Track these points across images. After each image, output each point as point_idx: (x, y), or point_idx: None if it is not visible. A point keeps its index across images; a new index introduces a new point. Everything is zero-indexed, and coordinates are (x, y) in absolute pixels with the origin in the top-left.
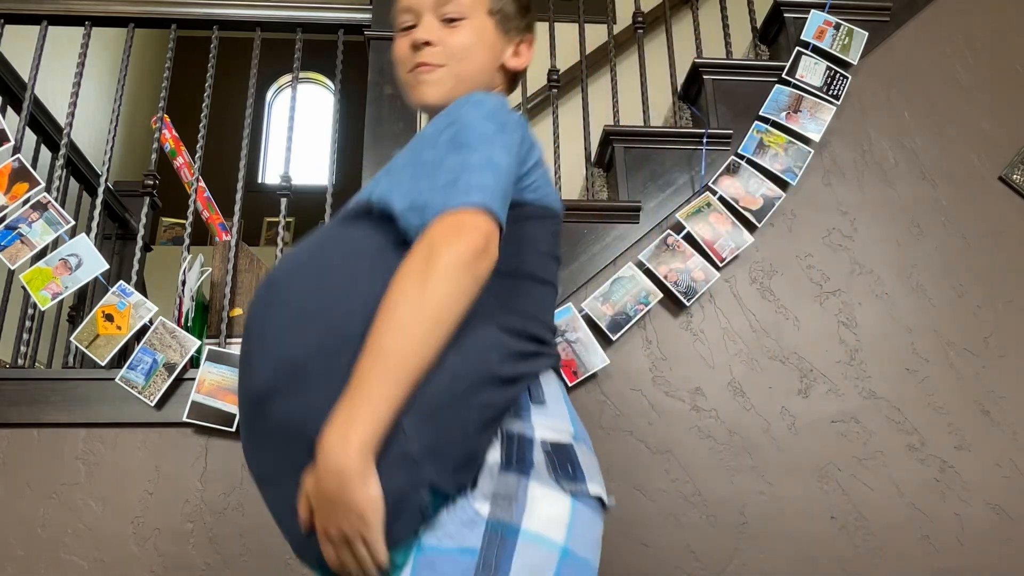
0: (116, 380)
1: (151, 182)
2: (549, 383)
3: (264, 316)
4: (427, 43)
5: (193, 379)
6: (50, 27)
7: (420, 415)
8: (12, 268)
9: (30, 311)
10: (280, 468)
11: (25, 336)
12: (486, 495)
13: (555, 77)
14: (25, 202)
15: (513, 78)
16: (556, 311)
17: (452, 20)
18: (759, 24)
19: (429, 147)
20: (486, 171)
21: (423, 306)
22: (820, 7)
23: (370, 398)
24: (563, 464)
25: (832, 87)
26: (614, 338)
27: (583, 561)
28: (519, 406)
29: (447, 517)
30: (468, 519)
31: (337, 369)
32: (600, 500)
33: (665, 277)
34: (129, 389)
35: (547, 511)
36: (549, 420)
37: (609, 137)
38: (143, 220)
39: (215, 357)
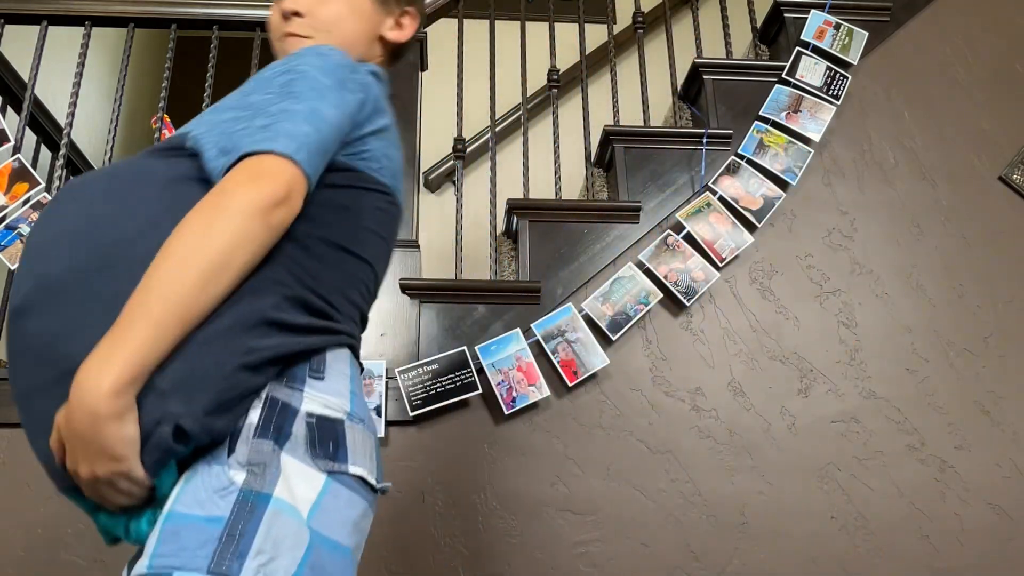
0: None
1: None
2: (339, 360)
3: (38, 232)
4: (295, 13)
5: None
6: (50, 27)
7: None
8: (12, 268)
9: None
10: (32, 386)
11: None
12: (242, 463)
13: (555, 77)
14: (25, 202)
15: (394, 51)
16: (556, 311)
17: None
18: (759, 24)
19: (260, 91)
20: (305, 121)
21: (205, 248)
22: (820, 7)
23: (134, 338)
24: (323, 440)
25: (832, 87)
26: (614, 338)
27: (331, 542)
28: (294, 376)
29: (200, 482)
30: (221, 487)
31: (96, 292)
32: (365, 481)
33: (665, 277)
34: None
35: (297, 486)
36: (323, 395)
37: (609, 137)
38: None
39: None
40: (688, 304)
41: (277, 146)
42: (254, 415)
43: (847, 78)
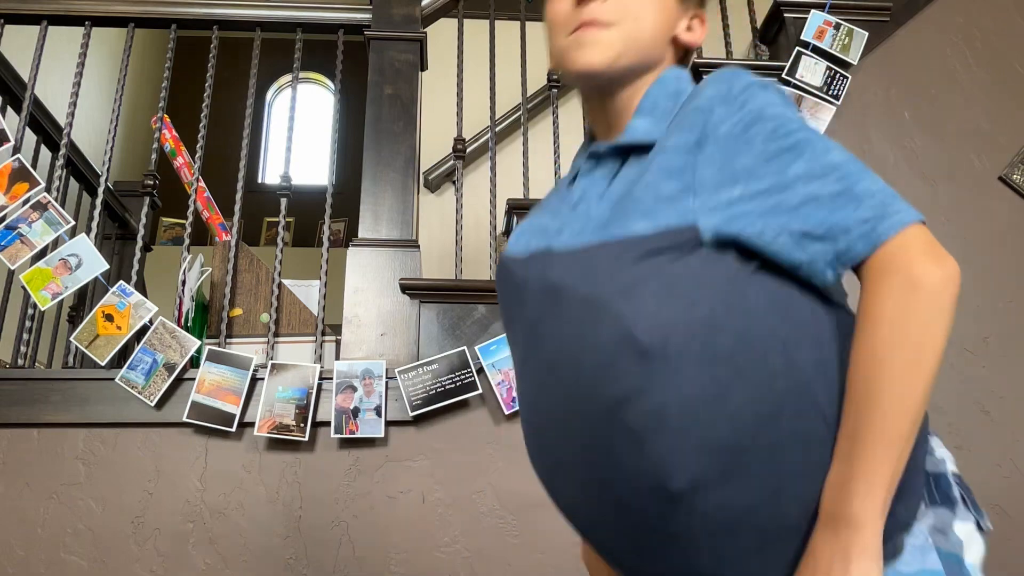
0: (116, 380)
1: (151, 182)
2: None
3: (648, 392)
4: None
5: (193, 379)
6: (50, 27)
7: None
8: (12, 268)
9: (30, 311)
10: (705, 565)
11: (25, 336)
12: (923, 526)
13: (555, 77)
14: (25, 202)
15: (683, 57)
16: None
17: None
18: (759, 24)
19: (741, 151)
20: (868, 173)
21: (928, 351)
22: (820, 7)
23: (881, 466)
24: (970, 496)
25: (832, 87)
26: None
27: None
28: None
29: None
30: (920, 545)
31: (781, 437)
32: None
33: None
34: (129, 389)
35: (973, 546)
36: (942, 450)
37: None
38: (143, 220)
39: (215, 357)
40: None
41: (908, 215)
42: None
43: (847, 78)
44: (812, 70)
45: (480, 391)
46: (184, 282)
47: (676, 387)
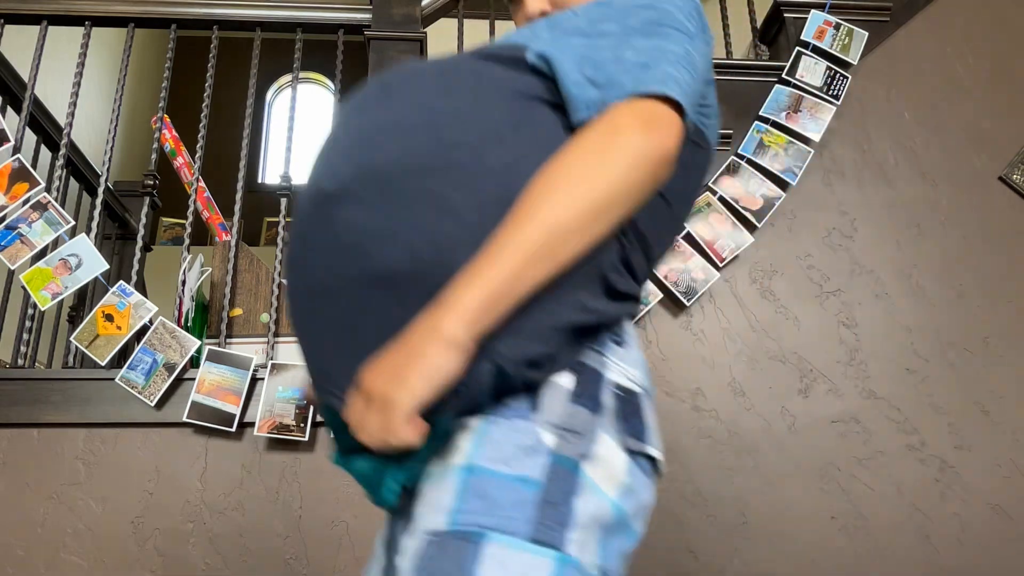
0: (116, 380)
1: (151, 182)
2: (631, 330)
3: (358, 117)
4: None
5: (193, 379)
6: (50, 27)
7: None
8: (12, 268)
9: (30, 311)
10: (329, 285)
11: (25, 336)
12: (551, 423)
13: None
14: (25, 202)
15: None
16: None
17: None
18: (759, 24)
19: (613, 20)
20: (685, 68)
21: (596, 183)
22: (820, 7)
23: (511, 268)
24: (629, 415)
25: (832, 87)
26: None
27: (630, 527)
28: (600, 341)
29: (501, 435)
30: (528, 445)
31: (428, 192)
32: (654, 463)
33: (665, 277)
34: (129, 389)
35: (608, 463)
36: (625, 364)
37: None
38: (143, 220)
39: (215, 357)
40: (688, 304)
41: (667, 90)
42: (567, 378)
43: (847, 78)
44: (812, 70)
45: None
46: (184, 282)
47: (381, 114)
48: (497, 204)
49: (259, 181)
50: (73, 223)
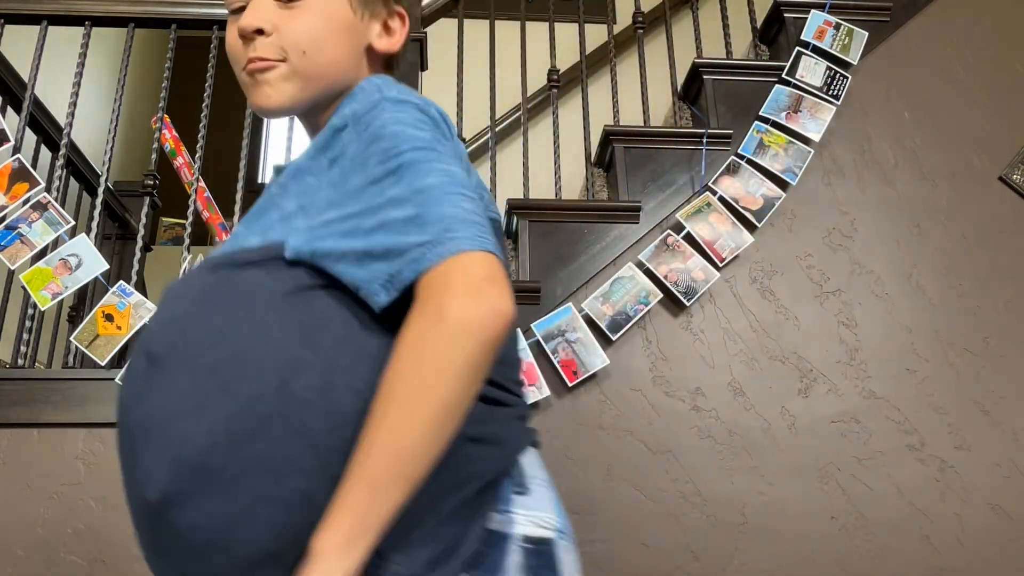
0: (116, 380)
1: (151, 182)
2: (529, 461)
3: (145, 398)
4: (259, 31)
5: None
6: (50, 27)
7: None
8: (12, 268)
9: (30, 311)
10: None
11: (25, 336)
12: None
13: (555, 77)
14: (25, 202)
15: (387, 63)
16: (556, 311)
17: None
18: (759, 24)
19: (355, 172)
20: (457, 194)
21: (438, 395)
22: (820, 7)
23: (367, 503)
24: (541, 566)
25: (832, 87)
26: (614, 338)
27: None
28: (499, 496)
29: None
30: None
31: (255, 459)
32: None
33: (665, 277)
34: None
35: None
36: (533, 512)
37: (609, 137)
38: (143, 220)
39: None
40: (688, 304)
41: (464, 244)
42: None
43: (847, 78)
44: (812, 70)
45: None
46: None
47: (164, 395)
48: (331, 436)
49: (259, 181)
50: (73, 223)
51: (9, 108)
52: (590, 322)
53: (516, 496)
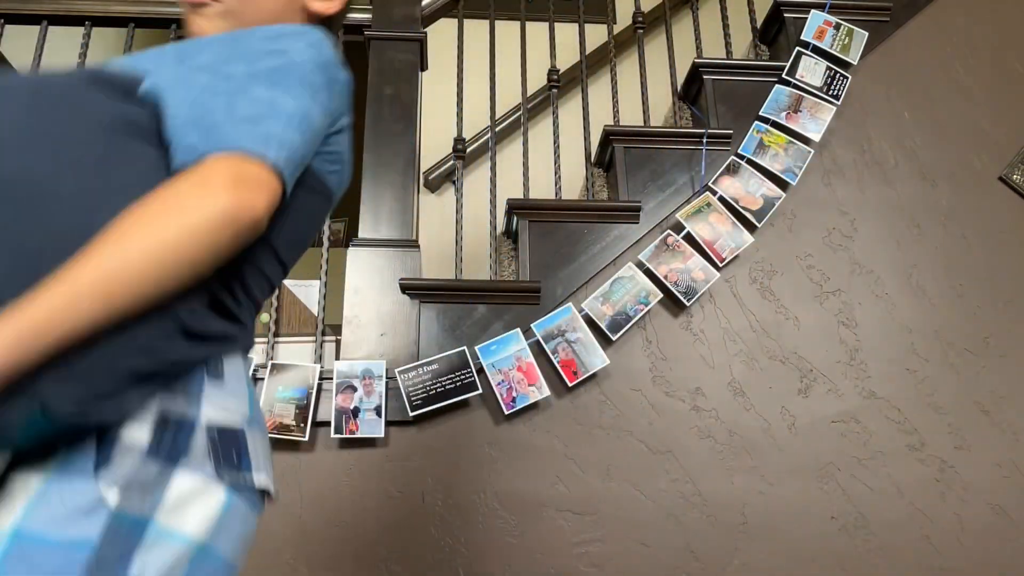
0: None
1: None
2: (233, 363)
3: None
4: None
5: None
6: (50, 27)
7: None
8: None
9: None
10: None
11: None
12: (118, 480)
13: (555, 77)
14: None
15: (323, 24)
16: (556, 311)
17: None
18: (759, 24)
19: (243, 60)
20: (297, 128)
21: (165, 240)
22: (820, 7)
23: (58, 304)
24: (227, 450)
25: (832, 87)
26: (614, 338)
27: (223, 561)
28: (191, 385)
29: (57, 494)
30: (87, 505)
31: None
32: (263, 492)
33: (665, 277)
34: None
35: (191, 503)
36: (223, 399)
37: (609, 137)
38: None
39: None
40: (688, 304)
41: (269, 154)
42: (141, 430)
43: (847, 78)
44: (812, 70)
45: (480, 391)
46: None
47: None
48: (61, 236)
49: None
50: None
51: None
52: (590, 322)
53: (210, 382)
